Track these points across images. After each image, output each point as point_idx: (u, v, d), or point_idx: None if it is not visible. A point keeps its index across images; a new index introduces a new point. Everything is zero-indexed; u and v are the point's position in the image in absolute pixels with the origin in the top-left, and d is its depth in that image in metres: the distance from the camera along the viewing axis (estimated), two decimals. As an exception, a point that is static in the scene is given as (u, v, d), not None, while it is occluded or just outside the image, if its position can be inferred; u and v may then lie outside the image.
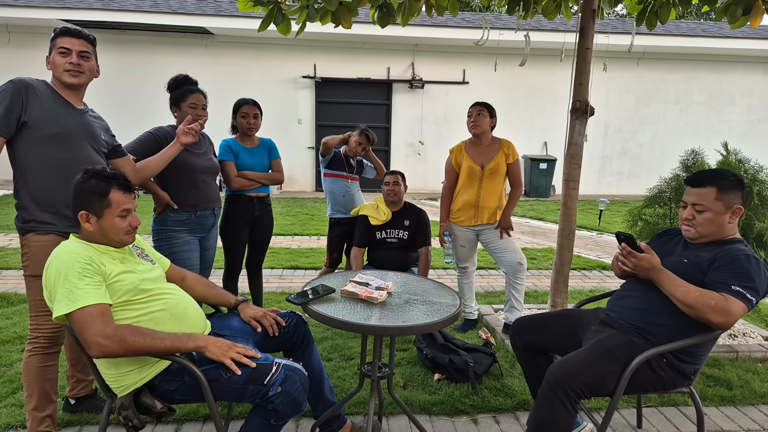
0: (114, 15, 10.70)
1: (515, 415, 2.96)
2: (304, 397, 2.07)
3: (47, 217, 2.41)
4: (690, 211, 2.33)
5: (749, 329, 4.11)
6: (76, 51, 2.46)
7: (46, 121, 2.39)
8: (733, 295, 2.09)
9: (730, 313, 2.06)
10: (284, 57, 12.11)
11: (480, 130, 3.88)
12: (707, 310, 2.08)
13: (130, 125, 5.87)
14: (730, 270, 2.15)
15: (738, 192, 2.27)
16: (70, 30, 2.49)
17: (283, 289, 5.14)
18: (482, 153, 3.93)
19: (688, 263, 2.28)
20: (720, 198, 2.25)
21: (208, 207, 3.22)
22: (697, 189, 2.31)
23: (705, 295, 2.10)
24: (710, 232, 2.29)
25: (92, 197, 2.03)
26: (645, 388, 2.28)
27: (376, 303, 2.36)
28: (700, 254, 2.28)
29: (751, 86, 13.24)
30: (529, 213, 10.25)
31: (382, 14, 3.69)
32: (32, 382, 2.43)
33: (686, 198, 2.36)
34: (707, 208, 2.27)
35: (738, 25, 3.33)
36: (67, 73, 2.45)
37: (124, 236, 2.10)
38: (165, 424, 2.75)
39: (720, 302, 2.07)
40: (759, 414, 3.05)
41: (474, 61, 12.48)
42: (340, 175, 4.27)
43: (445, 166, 4.10)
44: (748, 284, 2.11)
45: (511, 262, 3.91)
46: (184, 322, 2.16)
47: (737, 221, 2.31)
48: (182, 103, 3.12)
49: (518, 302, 3.95)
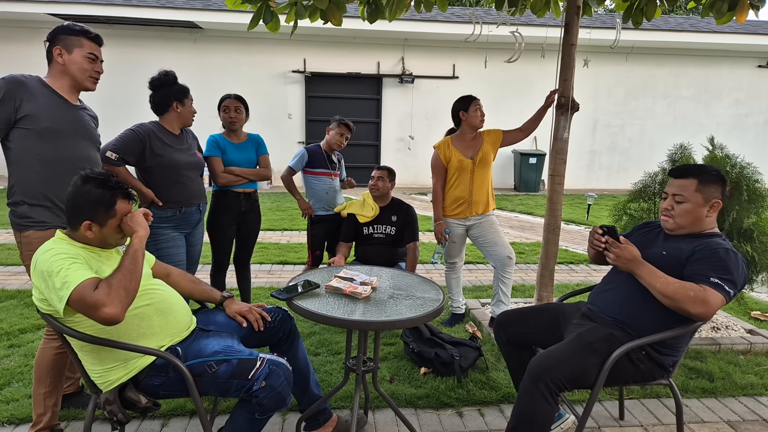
0: (102, 9, 10.61)
1: (500, 408, 2.99)
2: (288, 391, 2.09)
3: (43, 214, 2.43)
4: (670, 202, 2.37)
5: (732, 322, 4.17)
6: (100, 60, 2.60)
7: (40, 117, 2.40)
8: (711, 286, 2.12)
9: (708, 303, 2.10)
10: (274, 52, 12.06)
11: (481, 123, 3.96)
12: (686, 301, 2.11)
13: (118, 120, 5.84)
14: (709, 262, 2.19)
15: (718, 186, 2.31)
16: (99, 37, 2.61)
17: (272, 285, 5.15)
18: (469, 146, 3.95)
19: (667, 255, 2.32)
20: (700, 190, 2.29)
21: (193, 203, 3.22)
22: (679, 180, 2.35)
23: (684, 286, 2.14)
24: (688, 223, 2.33)
25: (98, 208, 2.00)
26: (625, 380, 2.32)
27: (361, 298, 2.38)
28: (680, 246, 2.31)
29: (739, 81, 13.33)
30: (518, 207, 10.29)
31: (371, 10, 3.69)
32: (48, 368, 2.48)
33: (668, 189, 2.40)
34: (686, 199, 2.31)
35: (724, 20, 3.36)
36: (91, 79, 2.58)
37: (121, 240, 2.13)
38: (152, 420, 2.76)
39: (699, 293, 2.11)
40: (739, 405, 3.10)
41: (464, 56, 12.49)
42: (323, 173, 4.20)
43: (433, 163, 4.03)
44: (727, 276, 2.15)
45: (500, 256, 3.94)
46: (170, 318, 2.17)
47: (715, 216, 2.34)
48: (185, 99, 3.21)
49: (505, 296, 3.99)
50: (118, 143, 2.99)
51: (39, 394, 2.48)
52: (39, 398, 2.49)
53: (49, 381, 2.48)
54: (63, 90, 2.53)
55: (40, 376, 2.48)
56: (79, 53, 2.51)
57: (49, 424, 2.50)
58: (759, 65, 13.27)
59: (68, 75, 2.52)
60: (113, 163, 2.94)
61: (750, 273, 3.73)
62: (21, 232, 2.43)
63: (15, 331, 3.78)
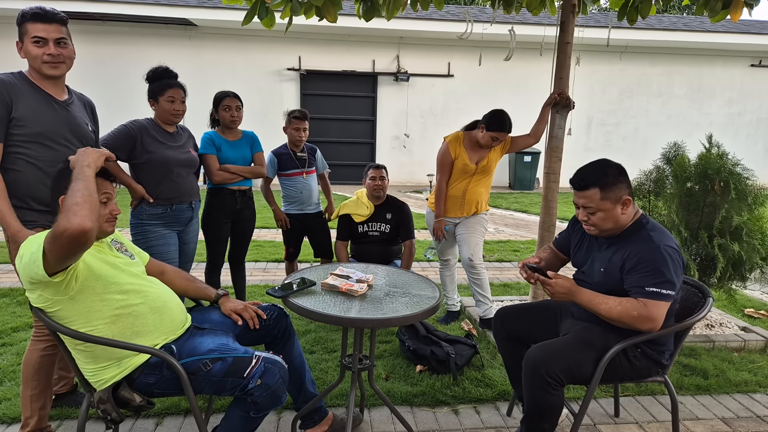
0: (95, 5, 10.55)
1: (495, 406, 2.99)
2: (283, 389, 2.08)
3: (29, 213, 2.38)
4: (583, 213, 2.33)
5: (726, 319, 4.18)
6: (52, 39, 2.34)
7: (30, 120, 2.33)
8: (649, 297, 2.11)
9: (653, 317, 2.10)
10: (269, 49, 12.03)
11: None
12: (633, 322, 2.11)
13: (112, 117, 5.80)
14: (639, 271, 2.16)
15: (621, 184, 2.25)
16: (40, 14, 2.32)
17: (267, 282, 5.14)
18: (477, 151, 3.92)
19: (605, 272, 2.30)
20: (605, 197, 2.23)
21: (184, 201, 3.19)
22: (582, 192, 2.29)
23: (626, 308, 2.12)
24: (609, 227, 2.29)
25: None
26: (621, 378, 2.33)
27: (357, 295, 2.37)
28: (612, 259, 2.28)
29: (732, 80, 13.40)
30: (513, 205, 10.31)
31: (367, 8, 3.68)
32: (34, 371, 2.44)
33: (575, 200, 2.35)
34: (597, 209, 2.26)
35: (718, 19, 3.37)
36: (46, 65, 2.36)
37: (105, 224, 2.07)
38: (146, 418, 2.75)
39: (641, 311, 2.10)
40: (734, 402, 3.11)
41: (459, 54, 12.49)
42: (294, 173, 4.11)
43: (440, 157, 3.93)
44: (660, 280, 2.12)
45: (463, 257, 3.93)
46: (165, 316, 2.16)
47: (631, 207, 2.28)
48: (160, 96, 3.08)
49: (483, 296, 3.95)
50: (109, 138, 2.97)
51: (26, 396, 2.44)
52: (26, 400, 2.44)
53: (35, 383, 2.43)
54: (43, 83, 2.41)
55: (27, 378, 2.44)
56: (27, 41, 2.32)
57: (37, 427, 2.45)
58: (752, 64, 13.35)
59: (32, 68, 2.39)
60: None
61: (743, 271, 3.75)
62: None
63: (7, 330, 3.76)
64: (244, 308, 2.42)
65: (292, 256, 4.30)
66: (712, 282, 3.81)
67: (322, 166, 4.33)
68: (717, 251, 3.65)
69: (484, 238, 4.05)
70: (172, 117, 3.12)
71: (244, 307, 2.42)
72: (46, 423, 2.51)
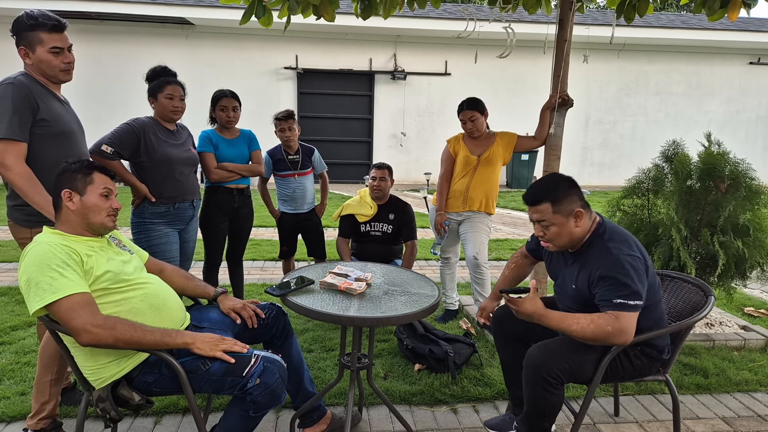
0: (92, 5, 10.51)
1: (494, 405, 2.99)
2: (282, 388, 2.07)
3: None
4: (539, 229, 2.32)
5: (726, 318, 4.18)
6: (67, 47, 2.48)
7: (54, 121, 2.43)
8: (617, 309, 2.09)
9: (624, 330, 2.08)
10: (266, 48, 12.01)
11: (479, 132, 3.89)
12: (607, 338, 2.09)
13: (108, 116, 5.79)
14: (604, 286, 2.15)
15: (572, 197, 2.25)
16: (57, 25, 2.44)
17: (265, 281, 5.13)
18: (479, 145, 3.93)
19: (576, 289, 2.30)
20: (557, 211, 2.23)
21: (186, 199, 3.19)
22: (534, 207, 2.29)
23: (599, 325, 2.09)
24: (566, 242, 2.28)
25: (75, 176, 2.06)
26: (622, 377, 2.32)
27: (355, 294, 2.36)
28: (579, 277, 2.28)
29: (730, 78, 13.41)
30: (510, 204, 10.31)
31: (364, 6, 3.67)
32: (53, 358, 2.48)
33: (529, 215, 2.35)
34: (551, 223, 2.25)
35: (716, 17, 3.36)
36: (63, 72, 2.50)
37: (106, 218, 2.09)
38: (144, 417, 2.74)
39: (614, 324, 2.07)
40: (734, 401, 3.10)
41: (456, 52, 12.48)
42: (287, 175, 4.12)
43: (443, 156, 4.04)
44: (625, 292, 2.10)
45: (468, 255, 3.92)
46: (164, 313, 2.15)
47: (585, 220, 2.26)
48: (159, 93, 3.08)
49: (483, 296, 3.94)
50: (114, 137, 2.96)
51: (44, 382, 2.47)
52: (44, 386, 2.47)
53: (55, 369, 2.48)
54: (50, 85, 2.51)
55: (46, 363, 2.48)
56: (41, 50, 2.42)
57: (52, 413, 2.50)
58: (750, 62, 13.35)
59: (42, 72, 2.46)
60: (108, 157, 2.91)
61: (745, 269, 3.74)
62: (31, 228, 2.42)
63: (6, 329, 3.74)
64: (242, 307, 2.41)
65: (286, 254, 4.31)
66: (711, 280, 3.80)
67: (320, 166, 4.33)
68: (718, 248, 3.64)
69: (489, 238, 4.05)
70: (171, 114, 3.11)
71: (242, 306, 2.41)
72: (57, 411, 2.57)
